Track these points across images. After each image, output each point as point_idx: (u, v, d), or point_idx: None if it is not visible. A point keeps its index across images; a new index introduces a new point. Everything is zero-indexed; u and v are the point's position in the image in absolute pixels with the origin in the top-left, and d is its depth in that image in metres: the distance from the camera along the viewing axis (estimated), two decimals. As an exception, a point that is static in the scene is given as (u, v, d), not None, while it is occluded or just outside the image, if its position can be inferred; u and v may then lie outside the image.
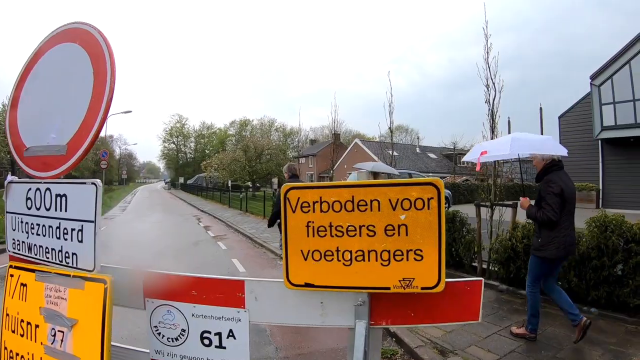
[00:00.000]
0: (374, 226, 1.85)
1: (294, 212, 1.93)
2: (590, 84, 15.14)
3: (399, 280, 1.87)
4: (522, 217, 5.98)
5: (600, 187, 16.23)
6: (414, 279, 1.86)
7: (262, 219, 15.00)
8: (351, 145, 37.57)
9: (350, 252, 1.87)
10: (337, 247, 1.88)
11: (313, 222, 1.90)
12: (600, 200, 16.26)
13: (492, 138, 6.96)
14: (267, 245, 9.55)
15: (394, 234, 1.84)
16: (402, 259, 1.85)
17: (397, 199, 1.84)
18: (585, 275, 5.14)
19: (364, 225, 1.85)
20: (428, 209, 1.83)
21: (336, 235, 1.88)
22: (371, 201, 1.84)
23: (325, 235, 1.89)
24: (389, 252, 1.85)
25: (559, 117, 18.36)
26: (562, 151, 4.04)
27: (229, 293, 2.28)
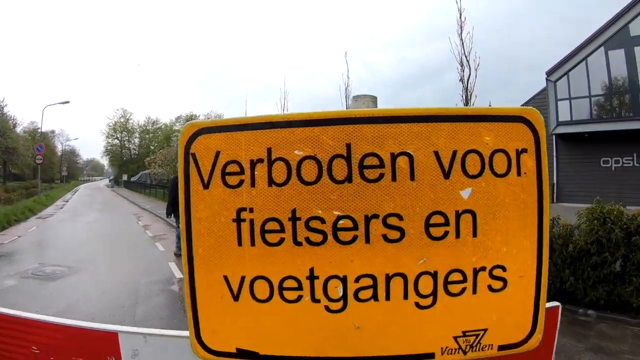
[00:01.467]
0: (400, 216, 0.77)
1: (206, 187, 0.79)
2: (546, 79, 15.50)
3: (455, 337, 0.81)
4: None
5: (555, 182, 16.82)
6: (485, 330, 0.82)
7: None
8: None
9: (344, 279, 0.78)
10: (312, 270, 0.78)
11: (252, 211, 0.78)
12: (555, 195, 16.86)
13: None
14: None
15: (447, 233, 0.78)
16: (463, 289, 0.80)
17: (454, 152, 0.77)
18: (582, 274, 4.55)
19: (376, 216, 0.76)
20: (518, 174, 0.80)
21: (308, 240, 0.77)
22: (394, 157, 0.76)
23: (283, 240, 0.77)
24: (434, 275, 0.78)
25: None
26: None
27: (92, 356, 1.14)
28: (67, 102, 28.72)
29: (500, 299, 0.82)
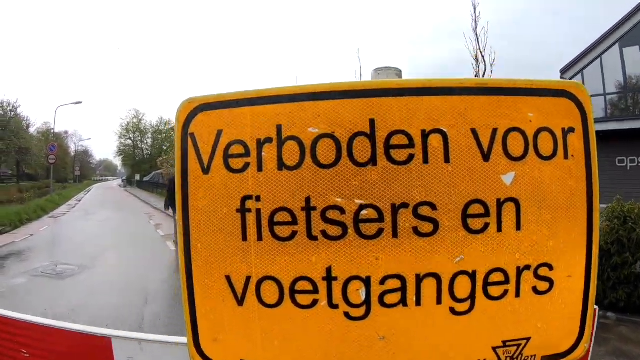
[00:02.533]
0: (433, 205, 0.65)
1: (206, 171, 0.68)
2: (560, 77, 15.16)
3: (494, 348, 0.69)
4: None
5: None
6: (528, 339, 0.70)
7: (218, 217, 14.26)
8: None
9: (367, 281, 0.66)
10: (329, 269, 0.66)
11: (259, 199, 0.67)
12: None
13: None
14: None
15: (487, 225, 0.66)
16: (504, 291, 0.68)
17: (494, 130, 0.66)
18: (602, 275, 4.37)
19: (406, 205, 0.65)
20: (565, 157, 0.69)
21: (325, 233, 0.66)
22: (425, 135, 0.65)
23: (295, 234, 0.66)
24: (472, 276, 0.67)
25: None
26: None
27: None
28: (80, 102, 28.94)
29: (546, 303, 0.70)
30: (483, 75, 6.08)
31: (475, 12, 5.96)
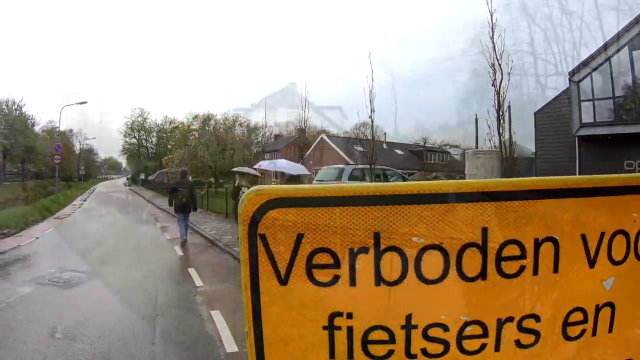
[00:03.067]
0: (537, 317, 0.60)
1: (283, 282, 0.57)
2: (569, 80, 14.66)
3: None
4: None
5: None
6: None
7: (224, 218, 14.23)
8: (317, 141, 35.78)
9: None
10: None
11: (351, 316, 0.57)
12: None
13: (498, 126, 6.34)
14: (230, 250, 8.35)
15: (584, 331, 0.63)
16: None
17: (601, 234, 0.61)
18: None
19: (511, 318, 0.59)
20: None
21: (424, 351, 0.59)
22: (538, 243, 0.58)
23: (392, 353, 0.58)
24: None
25: (535, 113, 17.61)
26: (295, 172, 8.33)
27: None
28: (85, 102, 28.20)
29: None
30: (500, 85, 6.02)
31: (492, 20, 5.75)
